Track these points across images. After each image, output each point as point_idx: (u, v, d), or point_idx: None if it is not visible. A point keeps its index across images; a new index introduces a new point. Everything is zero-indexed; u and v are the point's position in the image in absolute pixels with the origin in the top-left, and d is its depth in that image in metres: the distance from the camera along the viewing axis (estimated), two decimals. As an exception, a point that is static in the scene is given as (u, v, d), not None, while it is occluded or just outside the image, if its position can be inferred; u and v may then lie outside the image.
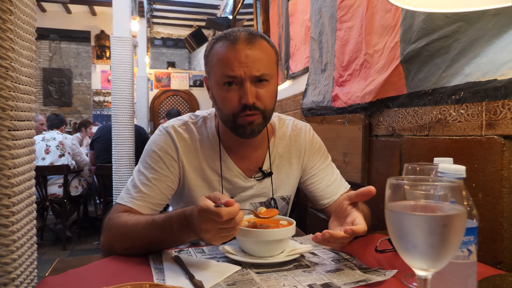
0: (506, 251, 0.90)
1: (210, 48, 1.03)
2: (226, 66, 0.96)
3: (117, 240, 0.93)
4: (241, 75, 0.95)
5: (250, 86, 0.96)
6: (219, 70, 0.98)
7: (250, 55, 0.96)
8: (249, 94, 0.96)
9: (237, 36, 0.97)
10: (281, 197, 1.17)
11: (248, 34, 0.99)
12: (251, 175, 1.12)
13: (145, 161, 1.06)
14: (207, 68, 1.05)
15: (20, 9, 0.89)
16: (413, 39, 1.17)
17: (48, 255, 3.81)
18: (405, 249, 0.51)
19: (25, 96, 0.93)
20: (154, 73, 9.55)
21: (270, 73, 0.99)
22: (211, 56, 1.02)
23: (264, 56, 0.99)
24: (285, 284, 0.74)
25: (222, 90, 0.99)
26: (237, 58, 0.95)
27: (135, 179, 1.04)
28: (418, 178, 0.57)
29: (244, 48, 0.96)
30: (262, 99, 0.99)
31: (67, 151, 4.18)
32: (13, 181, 0.86)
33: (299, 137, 1.18)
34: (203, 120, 1.12)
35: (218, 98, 1.01)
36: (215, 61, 1.00)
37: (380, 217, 0.55)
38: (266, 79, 0.99)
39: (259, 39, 0.99)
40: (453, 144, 1.05)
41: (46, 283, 0.74)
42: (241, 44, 0.96)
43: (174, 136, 1.07)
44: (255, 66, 0.96)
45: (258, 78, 0.97)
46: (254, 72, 0.96)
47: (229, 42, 0.97)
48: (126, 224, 0.93)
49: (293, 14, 2.47)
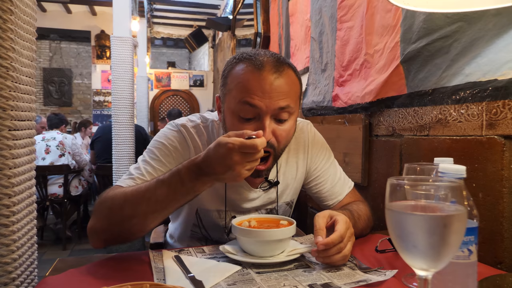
0: (507, 251, 0.90)
1: (230, 68, 0.93)
2: (247, 93, 0.86)
3: (114, 211, 0.85)
4: (262, 107, 0.86)
5: (270, 122, 0.88)
6: (237, 95, 0.88)
7: (276, 86, 0.86)
8: (268, 130, 0.86)
9: (263, 62, 0.88)
10: (285, 203, 1.15)
11: (276, 61, 0.89)
12: (256, 185, 1.07)
13: (153, 152, 0.99)
14: (223, 90, 0.95)
15: (20, 9, 0.89)
16: (414, 39, 1.17)
17: (48, 255, 3.81)
18: (405, 249, 0.51)
19: (26, 96, 0.93)
20: (154, 73, 9.55)
21: (293, 107, 0.90)
22: (230, 78, 0.92)
23: (291, 89, 0.90)
24: (286, 284, 0.74)
25: (237, 121, 0.90)
26: (261, 87, 0.86)
27: (140, 166, 0.98)
28: (418, 178, 0.57)
29: (270, 77, 0.86)
30: (279, 138, 0.90)
31: (67, 151, 4.19)
32: (14, 181, 0.86)
33: (301, 138, 1.14)
34: (212, 124, 1.06)
35: (230, 127, 0.92)
36: (234, 85, 0.90)
37: (380, 217, 0.55)
38: (286, 117, 0.90)
39: (286, 68, 0.90)
40: (453, 144, 1.05)
41: (46, 283, 0.74)
42: (267, 71, 0.87)
43: (187, 135, 1.01)
44: (280, 97, 0.87)
45: (280, 112, 0.88)
46: (277, 104, 0.87)
47: (253, 67, 0.87)
48: (125, 192, 0.86)
49: (293, 14, 2.47)
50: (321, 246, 0.79)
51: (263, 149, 0.78)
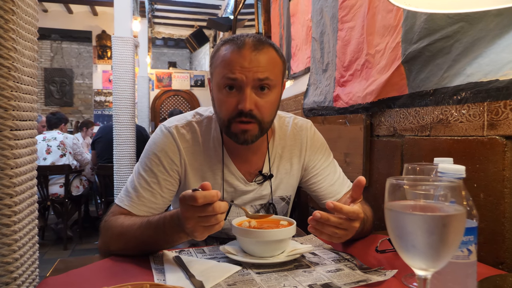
0: (508, 252, 0.90)
1: (216, 50, 1.02)
2: (227, 69, 0.95)
3: (113, 240, 0.93)
4: (242, 79, 0.93)
5: (250, 92, 0.94)
6: (220, 71, 0.97)
7: (254, 60, 0.94)
8: (247, 99, 0.93)
9: (244, 41, 0.96)
10: (280, 197, 1.16)
11: (257, 40, 0.97)
12: (251, 179, 1.11)
13: (145, 163, 1.04)
14: (211, 69, 1.04)
15: (22, 9, 0.89)
16: (415, 39, 1.17)
17: (49, 255, 3.82)
18: (404, 249, 0.51)
19: (27, 96, 0.93)
20: (155, 73, 9.56)
21: (273, 80, 0.97)
22: (216, 57, 1.00)
23: (269, 63, 0.97)
24: (286, 284, 0.74)
25: (221, 94, 0.97)
26: (239, 62, 0.94)
27: (135, 181, 1.02)
28: (417, 178, 0.57)
29: (250, 54, 0.94)
30: (261, 108, 0.96)
31: (68, 151, 4.19)
32: (15, 181, 0.87)
33: (299, 135, 1.16)
34: (208, 120, 1.10)
35: (217, 101, 1.00)
36: (218, 63, 0.99)
37: (381, 217, 0.56)
38: (267, 87, 0.96)
39: (266, 46, 0.97)
40: (454, 145, 1.05)
41: (47, 284, 0.74)
42: (247, 49, 0.95)
43: (177, 137, 1.04)
44: (259, 70, 0.94)
45: (260, 84, 0.95)
46: (256, 75, 0.94)
47: (235, 46, 0.96)
48: (122, 225, 0.93)
49: (294, 14, 2.47)
50: (330, 205, 0.80)
51: (247, 117, 0.93)
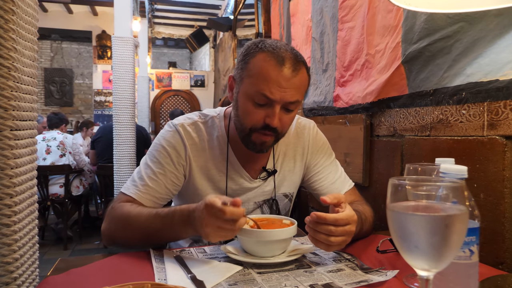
0: (508, 252, 0.90)
1: (251, 55, 0.98)
2: (265, 85, 0.94)
3: (118, 229, 0.96)
4: (276, 99, 0.94)
5: (280, 110, 0.97)
6: (255, 83, 0.96)
7: (291, 84, 0.95)
8: (276, 117, 0.96)
9: (284, 58, 0.95)
10: (283, 194, 1.18)
11: (294, 58, 0.96)
12: (256, 176, 1.13)
13: (153, 155, 1.07)
14: (241, 72, 1.00)
15: (22, 9, 0.89)
16: (415, 39, 1.17)
17: (49, 255, 3.82)
18: (407, 249, 0.51)
19: (27, 96, 0.93)
20: (155, 73, 9.55)
21: (300, 101, 1.00)
22: (252, 64, 0.97)
23: (302, 86, 0.99)
24: (287, 284, 0.74)
25: (250, 104, 0.98)
26: (278, 81, 0.94)
27: (142, 171, 1.05)
28: (420, 179, 0.57)
29: (289, 74, 0.94)
30: (284, 124, 1.00)
31: (68, 151, 4.19)
32: (15, 181, 0.86)
33: (302, 134, 1.19)
34: (212, 120, 1.13)
35: (242, 108, 1.00)
36: (254, 72, 0.96)
37: (381, 218, 0.56)
38: (293, 108, 1.00)
39: (302, 67, 0.98)
40: (454, 145, 1.05)
41: (47, 283, 0.74)
42: (287, 68, 0.94)
43: (183, 134, 1.07)
44: (293, 94, 0.95)
45: (290, 105, 0.97)
46: (289, 99, 0.95)
47: (275, 61, 0.94)
48: (129, 214, 0.94)
49: (294, 14, 2.47)
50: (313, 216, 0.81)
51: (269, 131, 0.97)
